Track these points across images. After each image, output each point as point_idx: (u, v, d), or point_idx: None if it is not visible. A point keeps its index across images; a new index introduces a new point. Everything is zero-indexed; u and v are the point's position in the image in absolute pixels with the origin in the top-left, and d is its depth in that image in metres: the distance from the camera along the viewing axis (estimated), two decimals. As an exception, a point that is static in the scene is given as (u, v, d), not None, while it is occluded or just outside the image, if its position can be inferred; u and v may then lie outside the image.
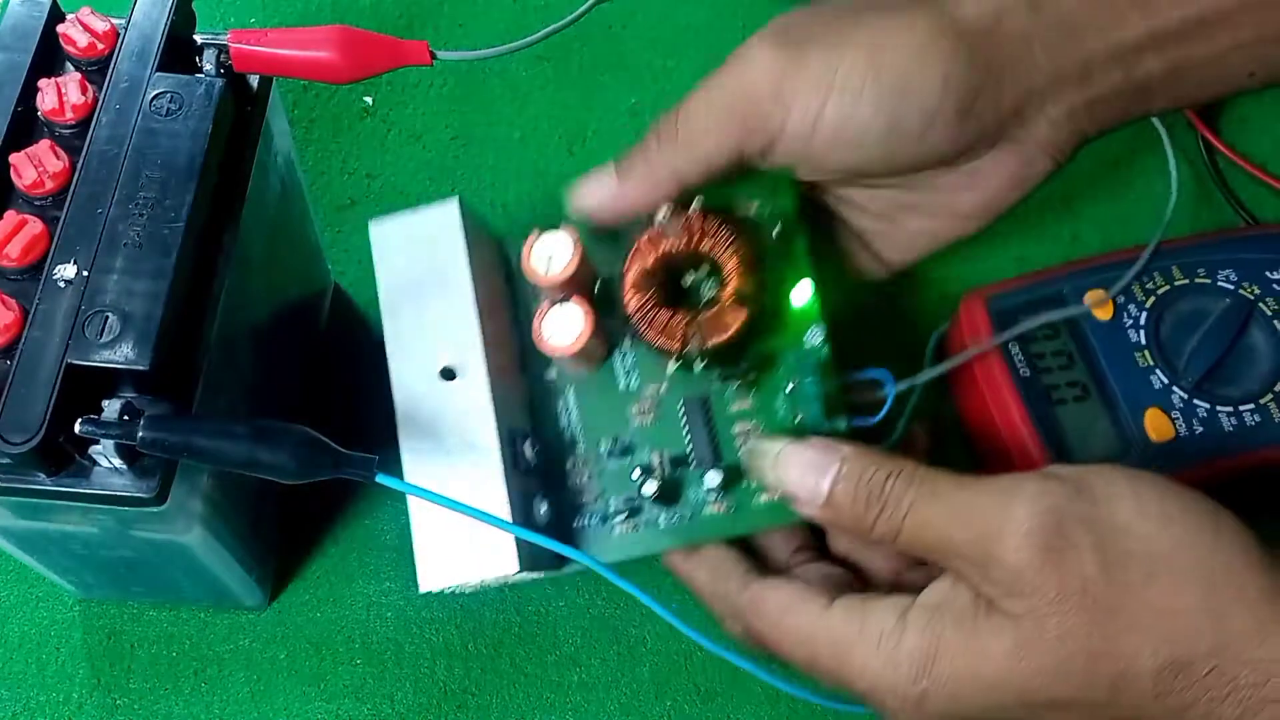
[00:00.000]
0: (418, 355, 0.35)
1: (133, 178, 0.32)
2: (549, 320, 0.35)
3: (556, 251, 0.35)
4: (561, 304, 0.35)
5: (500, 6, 0.54)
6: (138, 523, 0.33)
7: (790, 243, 0.37)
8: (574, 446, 0.37)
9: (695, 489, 0.36)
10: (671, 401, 0.37)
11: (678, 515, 0.36)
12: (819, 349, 0.36)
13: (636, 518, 0.36)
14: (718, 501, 0.36)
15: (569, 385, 0.37)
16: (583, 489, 0.37)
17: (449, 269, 0.36)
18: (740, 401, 0.37)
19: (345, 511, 0.43)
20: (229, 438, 0.29)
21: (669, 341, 0.35)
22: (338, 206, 0.49)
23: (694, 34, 0.53)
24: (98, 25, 0.34)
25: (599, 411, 0.37)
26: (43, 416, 0.29)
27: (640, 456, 0.37)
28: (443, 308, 0.35)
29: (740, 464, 0.36)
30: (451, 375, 0.35)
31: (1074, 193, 0.49)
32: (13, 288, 0.31)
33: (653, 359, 0.37)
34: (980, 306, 0.43)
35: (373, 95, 0.52)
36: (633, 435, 0.37)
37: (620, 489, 0.36)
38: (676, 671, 0.41)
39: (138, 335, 0.30)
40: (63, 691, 0.41)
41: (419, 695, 0.41)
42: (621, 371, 0.37)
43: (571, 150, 0.51)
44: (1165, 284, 0.42)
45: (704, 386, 0.37)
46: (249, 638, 0.41)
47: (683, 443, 0.37)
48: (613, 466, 0.37)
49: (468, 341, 0.35)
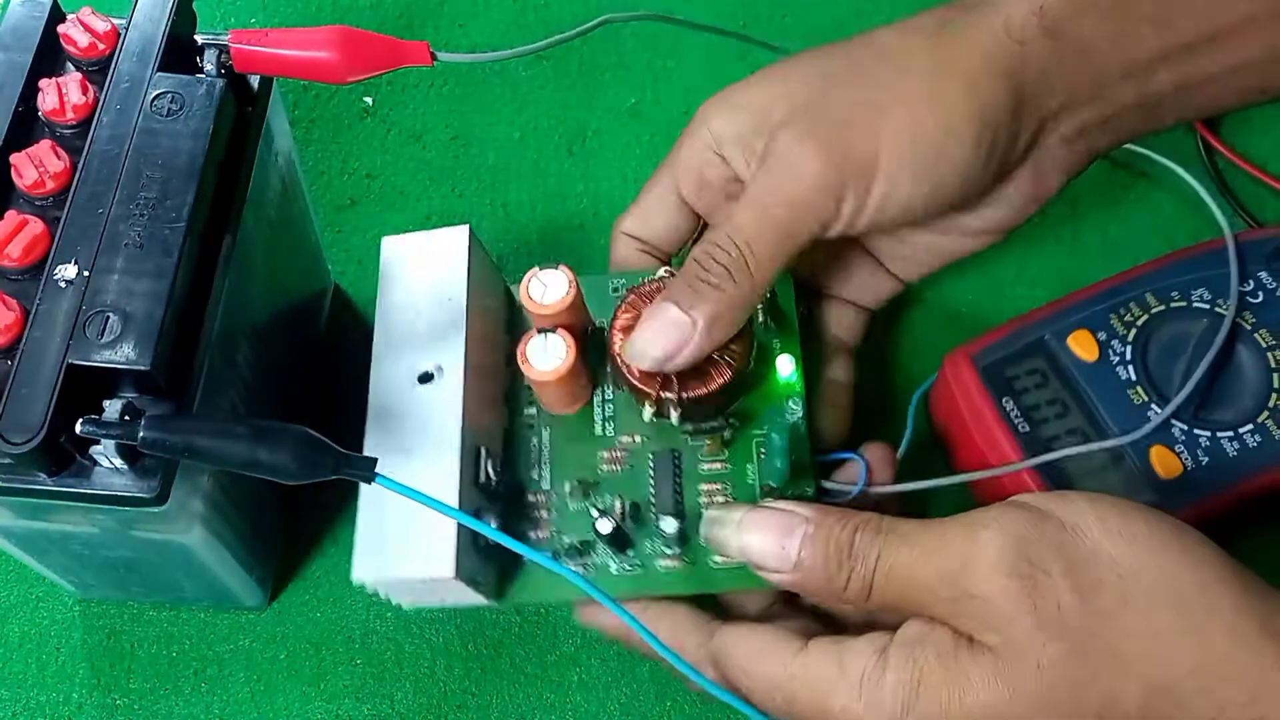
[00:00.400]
0: (400, 359, 0.36)
1: (133, 178, 0.32)
2: (533, 344, 0.36)
3: (552, 285, 0.36)
4: (548, 333, 0.36)
5: (500, 6, 0.54)
6: (138, 523, 0.33)
7: (782, 318, 0.38)
8: (539, 483, 0.37)
9: (653, 541, 0.36)
10: (644, 453, 0.37)
11: (630, 564, 0.36)
12: (796, 417, 0.37)
13: (586, 558, 0.36)
14: (674, 556, 0.36)
15: (546, 424, 0.38)
16: (539, 523, 0.37)
17: (447, 287, 0.36)
18: (711, 463, 0.37)
19: (345, 511, 0.43)
20: (229, 438, 0.29)
21: (648, 382, 0.35)
22: (338, 206, 0.49)
23: (694, 34, 0.53)
24: (98, 25, 0.35)
25: (570, 452, 0.37)
26: (43, 416, 0.29)
27: (602, 499, 0.37)
28: (433, 320, 0.36)
29: (699, 526, 0.35)
30: (428, 379, 0.35)
31: (1074, 192, 0.49)
32: (13, 288, 0.31)
33: (632, 410, 0.37)
34: (967, 365, 0.42)
35: (373, 95, 0.52)
36: (600, 480, 0.37)
37: (576, 530, 0.36)
38: (676, 671, 0.41)
39: (138, 335, 0.30)
40: (63, 691, 0.41)
41: (419, 695, 0.41)
42: (600, 418, 0.38)
43: (571, 150, 0.51)
44: (1143, 313, 0.41)
45: (678, 443, 0.37)
46: (249, 638, 0.41)
47: (647, 492, 0.36)
48: (573, 507, 0.37)
49: (449, 350, 0.35)
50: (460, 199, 0.50)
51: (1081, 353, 0.41)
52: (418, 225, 0.49)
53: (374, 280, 0.36)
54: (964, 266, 0.47)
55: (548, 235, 0.49)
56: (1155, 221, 0.48)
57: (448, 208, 0.49)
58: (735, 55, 0.52)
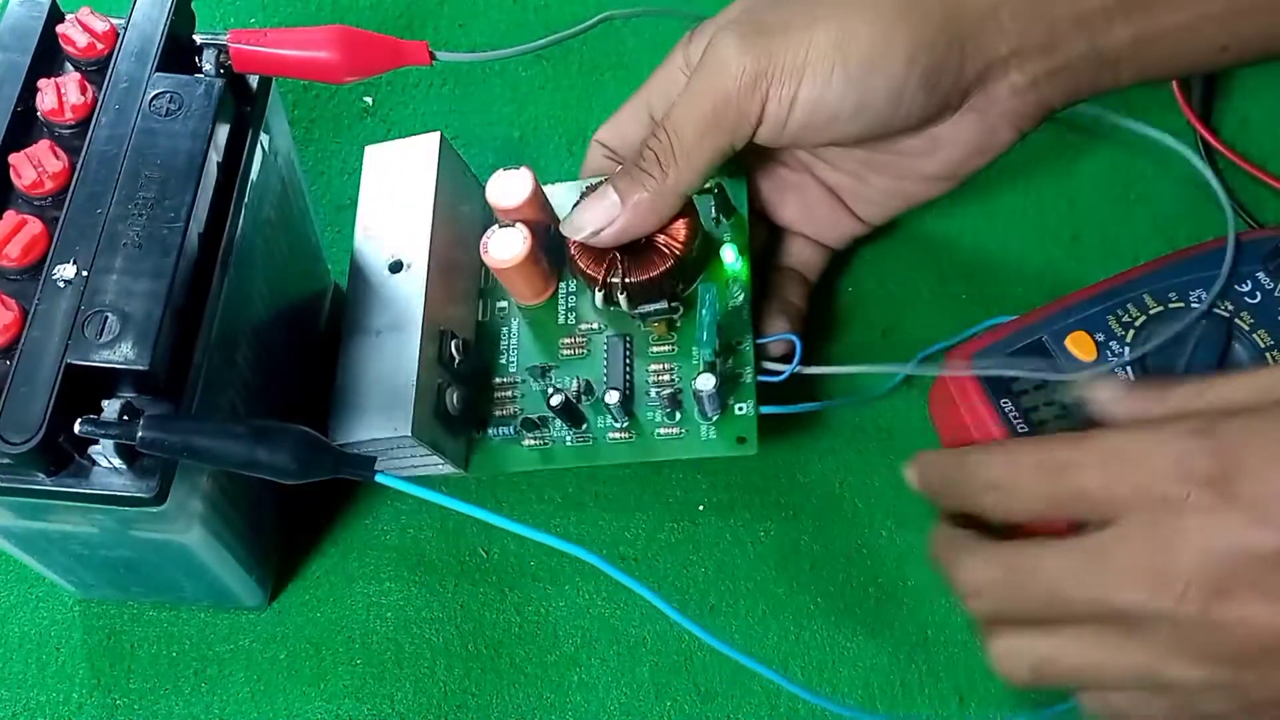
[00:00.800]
0: (374, 252, 0.40)
1: (132, 178, 0.32)
2: (494, 238, 0.39)
3: (516, 185, 0.40)
4: (507, 226, 0.39)
5: (500, 6, 0.54)
6: (137, 523, 0.33)
7: (732, 212, 0.42)
8: (505, 369, 0.41)
9: (602, 416, 0.40)
10: (600, 338, 0.41)
11: (583, 437, 0.40)
12: (737, 301, 0.40)
13: (544, 432, 0.39)
14: (621, 429, 0.39)
15: (515, 316, 0.42)
16: (504, 403, 0.40)
17: (418, 187, 0.40)
18: (660, 345, 0.40)
19: (345, 511, 0.43)
20: (229, 438, 0.29)
21: (595, 268, 0.39)
22: (338, 206, 0.49)
23: (694, 34, 0.53)
24: (97, 25, 0.35)
25: (534, 340, 0.41)
26: (42, 416, 0.29)
27: (559, 379, 0.40)
28: (405, 216, 0.40)
29: (648, 397, 0.39)
30: (398, 268, 0.39)
31: (1074, 192, 0.49)
32: (12, 288, 0.31)
33: (591, 300, 0.41)
34: (965, 369, 0.41)
35: (373, 95, 0.52)
36: (560, 363, 0.41)
37: (535, 408, 0.40)
38: (676, 671, 0.41)
39: (137, 335, 0.30)
40: (63, 691, 0.41)
41: (419, 695, 0.41)
42: (563, 310, 0.41)
43: (571, 150, 0.51)
44: (1140, 314, 0.41)
45: (630, 328, 0.41)
46: (249, 638, 0.41)
47: (600, 372, 0.40)
48: (534, 388, 0.40)
49: (417, 242, 0.39)
50: (460, 199, 0.50)
51: (1080, 354, 0.41)
52: (417, 225, 0.49)
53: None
54: (964, 265, 0.47)
55: (548, 235, 0.49)
56: (1155, 221, 0.48)
57: (448, 208, 0.49)
58: (735, 55, 0.52)
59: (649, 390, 0.40)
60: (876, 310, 0.47)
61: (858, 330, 0.46)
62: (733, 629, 0.41)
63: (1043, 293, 0.47)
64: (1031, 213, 0.49)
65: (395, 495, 0.43)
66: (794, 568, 0.42)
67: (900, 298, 0.47)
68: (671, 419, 0.39)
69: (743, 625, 0.41)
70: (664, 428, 0.39)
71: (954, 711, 0.40)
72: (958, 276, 0.47)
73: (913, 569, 0.42)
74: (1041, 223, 0.49)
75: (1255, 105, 0.51)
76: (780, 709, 0.40)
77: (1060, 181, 0.50)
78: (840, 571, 0.42)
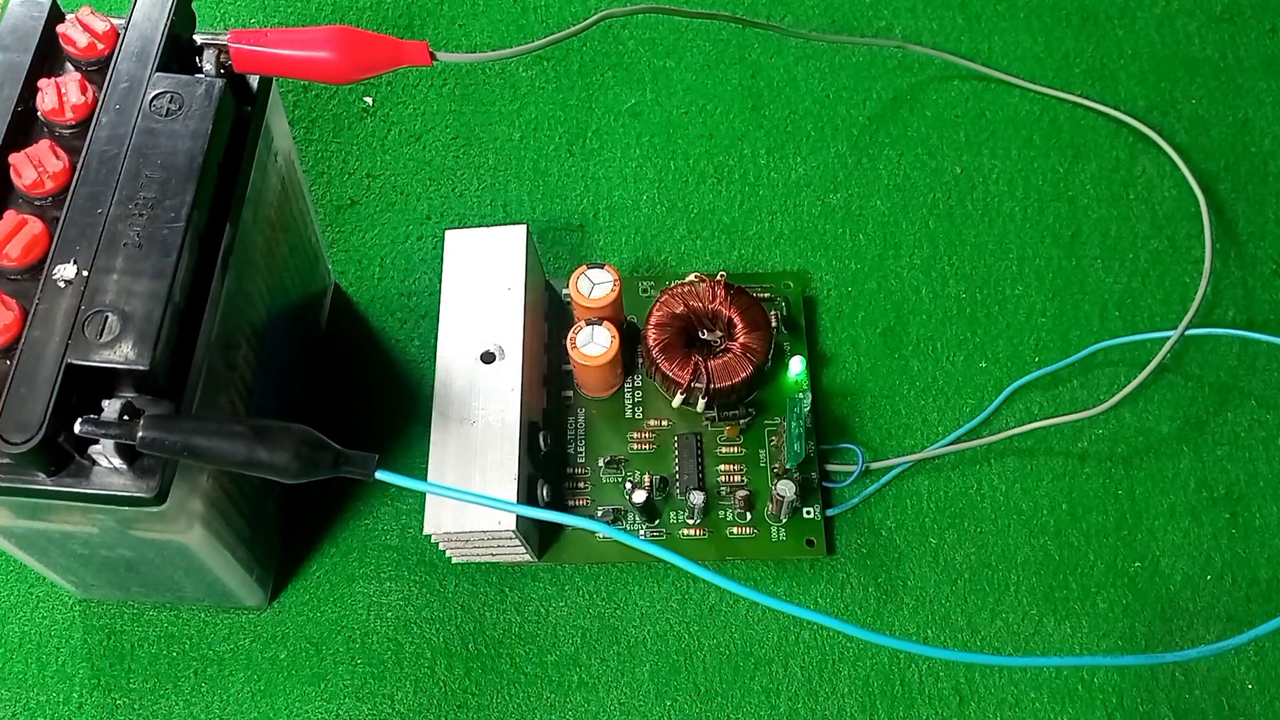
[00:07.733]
0: (464, 340, 0.40)
1: (132, 178, 0.32)
2: (583, 334, 0.41)
3: (599, 282, 0.42)
4: (595, 324, 0.41)
5: (500, 7, 0.54)
6: (137, 522, 0.33)
7: (795, 326, 0.44)
8: (576, 458, 0.42)
9: (677, 512, 0.41)
10: (669, 435, 0.42)
11: (657, 530, 0.41)
12: (804, 405, 0.41)
13: (619, 525, 0.41)
14: (696, 526, 0.41)
15: (582, 406, 0.43)
16: (576, 493, 0.42)
17: (507, 278, 0.41)
18: (730, 446, 0.42)
19: (345, 511, 0.43)
20: (229, 437, 0.29)
21: (680, 374, 0.41)
22: (338, 206, 0.49)
23: (693, 34, 0.53)
24: (97, 25, 0.34)
25: (603, 431, 0.43)
26: (43, 416, 0.29)
27: (632, 474, 0.42)
28: (495, 307, 0.41)
29: (719, 497, 0.41)
30: (490, 359, 0.39)
31: (1074, 192, 0.49)
32: (13, 288, 0.31)
33: (658, 397, 0.43)
34: None
35: (373, 95, 0.52)
36: (629, 457, 0.42)
37: (605, 499, 0.42)
38: (676, 671, 0.41)
39: (137, 335, 0.30)
40: (63, 691, 0.41)
41: (419, 695, 0.41)
42: (630, 403, 0.43)
43: (571, 150, 0.51)
44: None
45: (699, 427, 0.42)
46: (249, 638, 0.41)
47: (671, 468, 0.42)
48: (607, 479, 0.42)
49: (510, 333, 0.40)
50: (460, 199, 0.50)
51: None
52: (417, 225, 0.49)
53: (374, 280, 0.36)
54: (964, 265, 0.47)
55: (548, 235, 0.49)
56: (1155, 221, 0.48)
57: (448, 208, 0.49)
58: (735, 56, 0.52)
59: (719, 490, 0.42)
60: (877, 310, 0.47)
61: (858, 330, 0.46)
62: (733, 628, 0.41)
63: (1043, 293, 0.47)
64: (1031, 212, 0.49)
65: (395, 495, 0.43)
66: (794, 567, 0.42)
67: (900, 298, 0.47)
68: (743, 519, 0.41)
69: (742, 625, 0.41)
70: (736, 526, 0.41)
71: (954, 711, 0.40)
72: (958, 276, 0.47)
73: (914, 569, 0.42)
74: (1041, 222, 0.49)
75: (1255, 105, 0.51)
76: (780, 709, 0.40)
77: (1060, 181, 0.50)
78: (841, 570, 0.42)
